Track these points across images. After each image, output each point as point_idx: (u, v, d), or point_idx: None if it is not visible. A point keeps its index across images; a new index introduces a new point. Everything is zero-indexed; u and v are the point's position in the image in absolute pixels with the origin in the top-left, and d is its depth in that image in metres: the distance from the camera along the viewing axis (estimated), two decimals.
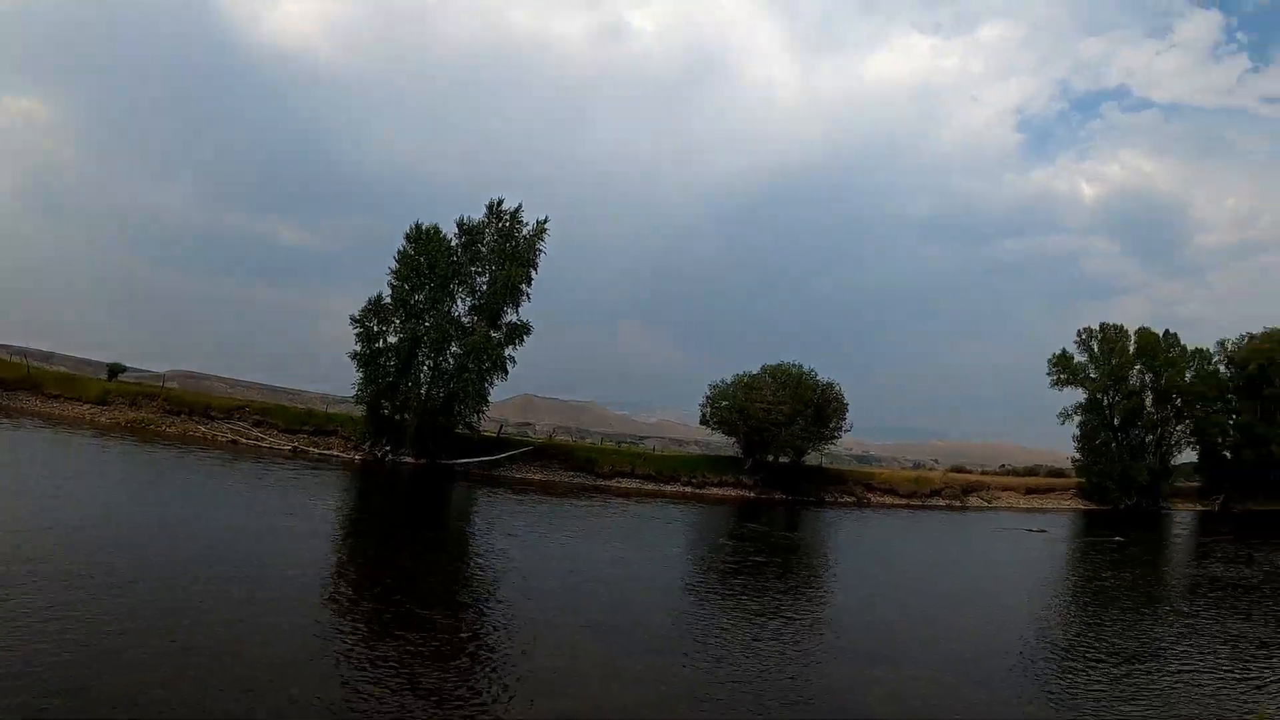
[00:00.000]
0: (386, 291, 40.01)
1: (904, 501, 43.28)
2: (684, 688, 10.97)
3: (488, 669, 11.03)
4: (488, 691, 10.05)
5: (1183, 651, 15.17)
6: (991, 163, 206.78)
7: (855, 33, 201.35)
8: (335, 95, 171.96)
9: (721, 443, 46.77)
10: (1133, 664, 14.02)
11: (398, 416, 40.04)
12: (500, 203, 40.89)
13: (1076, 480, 52.57)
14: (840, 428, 43.12)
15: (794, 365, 43.49)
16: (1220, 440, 57.16)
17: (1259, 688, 12.90)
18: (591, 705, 10.01)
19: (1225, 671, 13.86)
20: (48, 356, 51.73)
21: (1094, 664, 13.91)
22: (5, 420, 36.57)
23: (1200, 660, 14.52)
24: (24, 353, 48.06)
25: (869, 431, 51.25)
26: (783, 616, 15.87)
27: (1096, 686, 12.56)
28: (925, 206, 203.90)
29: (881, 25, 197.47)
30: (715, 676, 11.55)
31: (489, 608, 14.73)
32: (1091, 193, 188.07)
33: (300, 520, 21.48)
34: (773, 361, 44.50)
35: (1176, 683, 13.00)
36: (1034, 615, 18.27)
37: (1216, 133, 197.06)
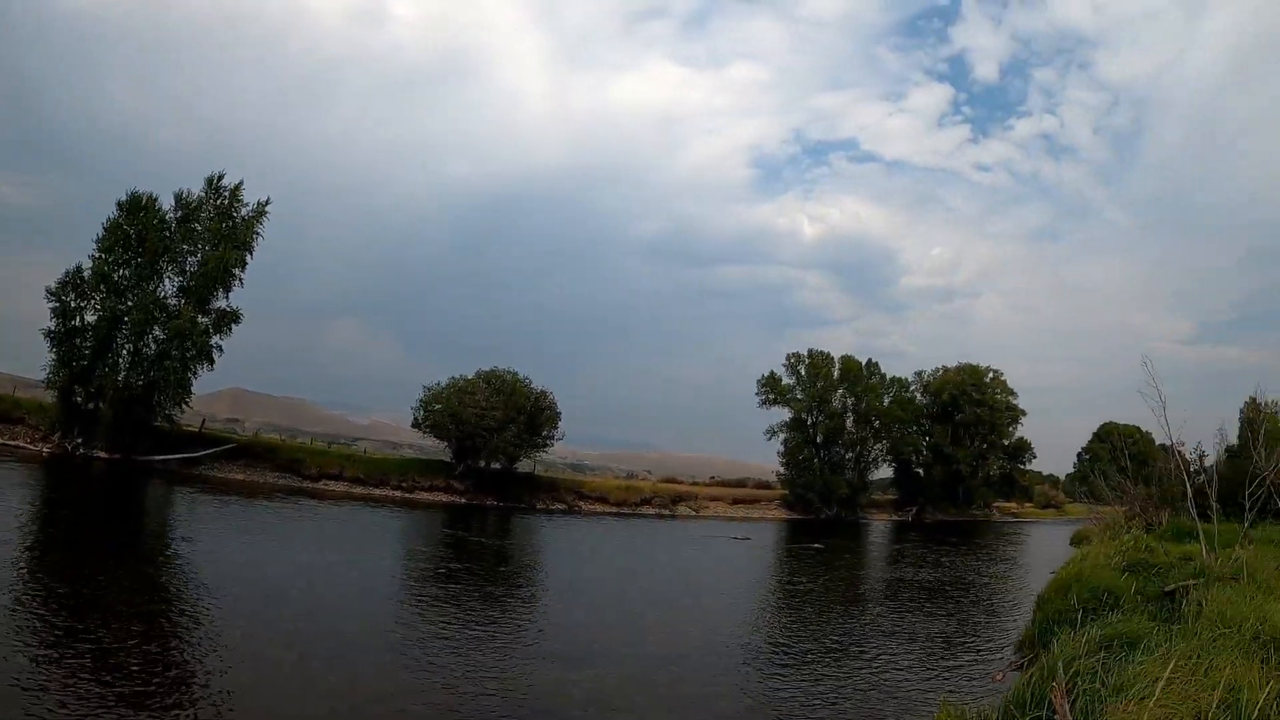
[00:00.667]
0: (88, 264, 37.35)
1: (614, 509, 45.60)
2: (378, 696, 10.97)
3: (164, 686, 10.43)
4: (165, 710, 9.61)
5: (875, 648, 16.80)
6: (720, 193, 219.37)
7: (613, 54, 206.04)
8: (70, 37, 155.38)
9: (435, 446, 47.10)
10: (827, 660, 15.59)
11: (92, 405, 37.21)
12: (221, 177, 39.13)
13: (781, 492, 57.45)
14: (552, 435, 44.86)
15: (508, 371, 44.74)
16: (915, 458, 65.00)
17: (945, 679, 14.53)
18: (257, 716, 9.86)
19: (914, 666, 15.53)
20: None
21: (791, 661, 15.47)
22: None
23: (891, 656, 16.14)
24: None
25: (583, 441, 53.51)
26: (486, 623, 16.39)
27: (794, 681, 13.92)
28: (652, 228, 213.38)
29: (638, 51, 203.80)
30: (413, 684, 11.61)
31: (173, 619, 14.13)
32: (812, 231, 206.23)
33: None
34: (489, 367, 45.52)
35: (869, 676, 14.49)
36: (734, 617, 19.57)
37: (931, 190, 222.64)
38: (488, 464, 43.65)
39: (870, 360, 61.91)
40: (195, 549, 21.41)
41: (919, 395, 66.05)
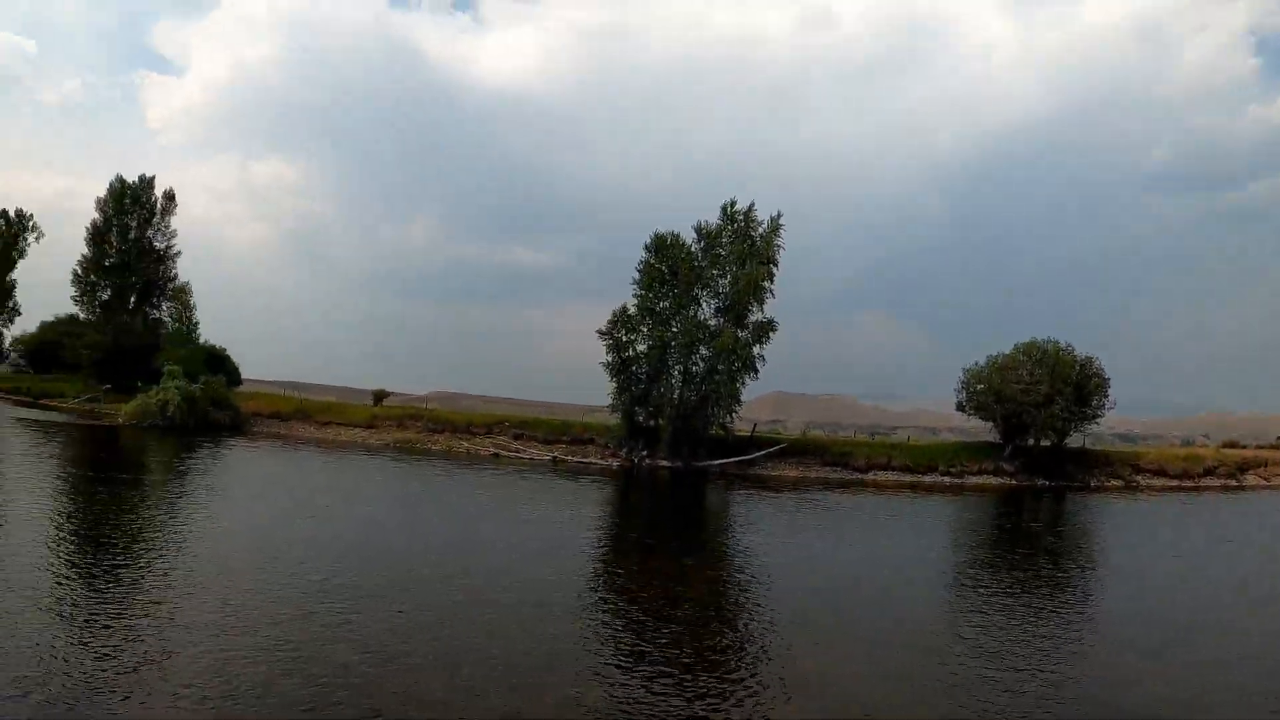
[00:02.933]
0: (632, 302, 41.43)
1: (1175, 483, 41.05)
2: (942, 684, 10.75)
3: (746, 668, 11.11)
4: (747, 690, 10.13)
5: None
6: (1230, 95, 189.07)
7: None
8: (551, 122, 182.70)
9: (977, 428, 45.76)
10: None
11: (651, 422, 41.18)
12: (733, 204, 41.45)
13: None
14: (1102, 405, 41.37)
15: (1049, 341, 41.85)
16: None
17: None
18: (849, 703, 9.98)
19: None
20: (317, 389, 55.86)
21: None
22: (287, 446, 39.58)
23: None
24: (296, 386, 52.05)
25: (1128, 408, 48.77)
26: (1050, 611, 15.46)
27: None
28: (1158, 154, 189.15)
29: None
30: (976, 673, 11.27)
31: (748, 607, 14.86)
32: None
33: (565, 527, 22.78)
34: (1021, 339, 42.95)
35: None
36: None
37: None
38: (1036, 442, 41.63)
39: None
40: (756, 541, 22.11)
41: None
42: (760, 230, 40.93)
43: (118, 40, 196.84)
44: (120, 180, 58.48)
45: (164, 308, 59.16)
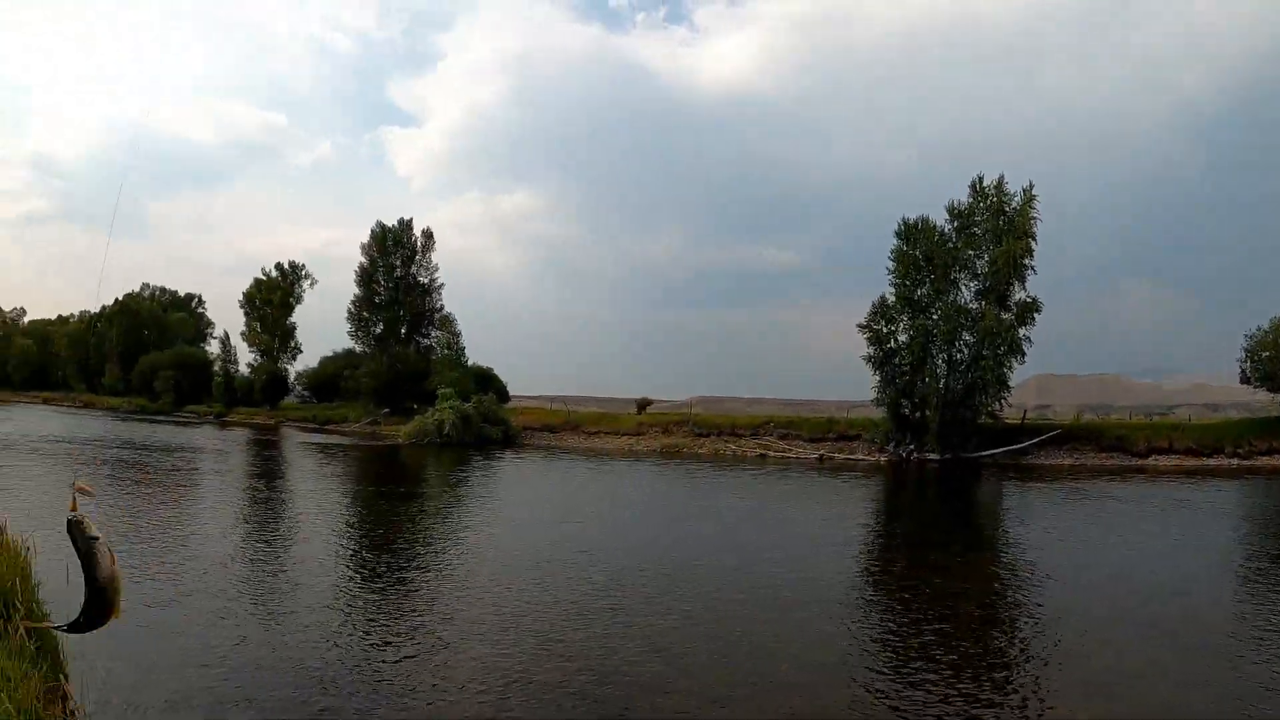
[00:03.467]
0: (890, 292, 41.06)
1: None
2: (1230, 691, 9.67)
3: (1035, 667, 10.48)
4: (1039, 690, 9.60)
5: None
6: None
7: None
8: (780, 119, 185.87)
9: (1263, 403, 41.61)
10: None
11: (917, 414, 40.57)
12: (982, 179, 39.77)
13: None
14: None
15: None
16: None
17: None
18: (1138, 706, 9.22)
19: None
20: (580, 400, 59.63)
21: None
22: (557, 456, 42.23)
23: None
24: (560, 400, 55.80)
25: None
26: None
27: None
28: None
29: None
30: (1271, 676, 10.00)
31: (1028, 604, 13.98)
32: None
33: (836, 524, 22.67)
34: None
35: None
36: None
37: None
38: None
39: None
40: (1031, 534, 20.98)
41: None
42: (1014, 204, 39.02)
43: (357, 103, 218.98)
44: (381, 225, 64.81)
45: (432, 335, 64.82)
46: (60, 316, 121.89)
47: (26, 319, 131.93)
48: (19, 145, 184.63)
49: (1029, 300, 38.91)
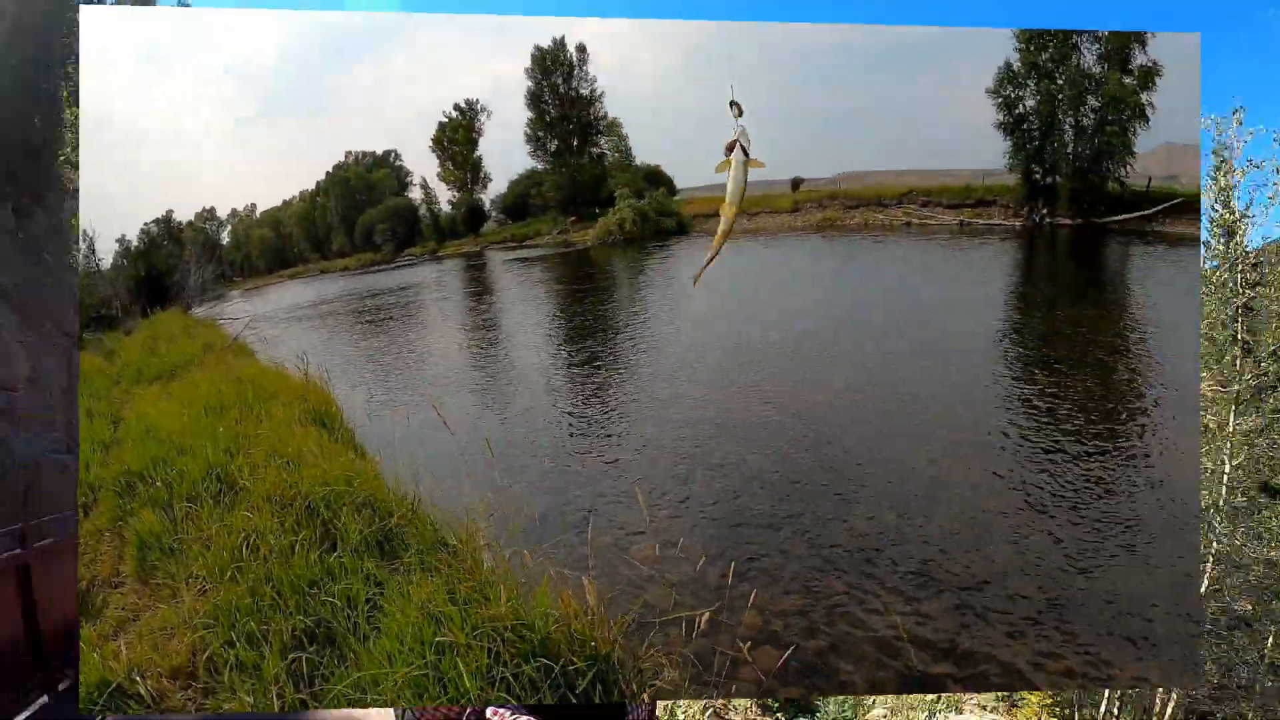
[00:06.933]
0: (1015, 57, 41.83)
1: None
2: None
3: None
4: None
5: None
6: None
7: None
8: None
9: None
10: None
11: (1048, 180, 42.51)
12: None
13: None
14: None
15: None
16: None
17: None
18: None
19: None
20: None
21: None
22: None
23: None
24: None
25: None
26: None
27: None
28: None
29: None
30: None
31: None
32: None
33: (979, 286, 23.74)
34: None
35: None
36: None
37: None
38: None
39: None
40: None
41: None
42: None
43: None
44: (537, 48, 69.98)
45: (602, 142, 70.99)
46: (284, 201, 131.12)
47: (258, 212, 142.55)
48: (218, 60, 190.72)
49: (1150, 65, 39.97)
